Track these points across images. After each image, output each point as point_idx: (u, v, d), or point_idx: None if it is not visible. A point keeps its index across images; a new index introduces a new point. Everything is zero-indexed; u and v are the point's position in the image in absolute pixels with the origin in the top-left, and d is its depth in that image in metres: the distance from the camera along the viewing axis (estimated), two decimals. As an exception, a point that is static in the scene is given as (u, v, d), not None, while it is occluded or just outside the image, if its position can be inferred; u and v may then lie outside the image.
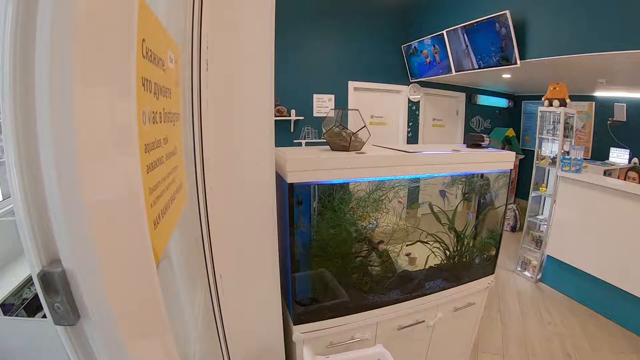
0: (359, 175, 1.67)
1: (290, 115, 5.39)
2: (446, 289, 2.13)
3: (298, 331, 1.72)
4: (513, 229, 6.44)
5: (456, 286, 2.18)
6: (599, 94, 6.53)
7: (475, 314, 2.47)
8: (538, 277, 4.55)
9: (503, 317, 3.73)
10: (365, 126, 1.81)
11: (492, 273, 2.41)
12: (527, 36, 4.20)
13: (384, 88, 6.25)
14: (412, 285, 2.03)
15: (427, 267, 2.14)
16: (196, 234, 1.29)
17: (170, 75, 0.79)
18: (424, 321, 2.10)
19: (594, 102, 6.61)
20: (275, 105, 5.23)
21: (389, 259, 2.04)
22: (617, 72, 4.78)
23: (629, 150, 6.18)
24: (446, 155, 1.95)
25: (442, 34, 5.06)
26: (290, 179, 1.51)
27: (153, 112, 0.65)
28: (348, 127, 1.83)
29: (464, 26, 4.69)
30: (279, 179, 1.58)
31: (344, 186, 1.77)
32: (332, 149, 1.76)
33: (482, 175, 2.23)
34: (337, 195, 1.73)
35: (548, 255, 4.42)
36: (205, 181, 1.26)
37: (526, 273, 4.66)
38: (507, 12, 4.10)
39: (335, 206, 1.72)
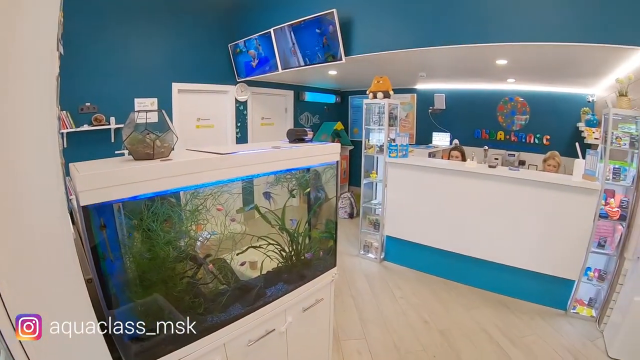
0: (167, 185, 1.49)
1: (109, 124, 4.95)
2: (290, 292, 2.10)
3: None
4: (351, 216, 6.93)
5: (300, 286, 2.16)
6: (420, 86, 7.56)
7: (326, 309, 2.48)
8: (381, 257, 4.94)
9: (357, 302, 3.91)
10: (170, 129, 1.63)
11: (335, 265, 2.44)
12: (353, 33, 4.48)
13: (210, 89, 6.13)
14: (253, 295, 1.93)
15: (264, 273, 2.08)
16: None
17: None
18: (274, 329, 2.03)
19: (415, 94, 7.70)
20: (93, 113, 4.78)
21: (221, 272, 1.92)
22: (436, 66, 5.42)
23: (449, 134, 7.34)
24: (266, 153, 1.89)
25: (270, 32, 5.13)
26: (84, 200, 1.27)
27: None
28: (171, 131, 1.65)
29: (291, 24, 4.81)
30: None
31: (156, 200, 1.56)
32: (135, 158, 1.54)
33: (308, 170, 2.23)
34: (149, 212, 1.55)
35: (387, 236, 4.87)
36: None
37: (370, 255, 5.02)
38: (334, 10, 4.32)
39: (145, 225, 1.54)
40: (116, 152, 4.65)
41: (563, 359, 3.28)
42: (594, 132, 5.19)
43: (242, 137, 6.64)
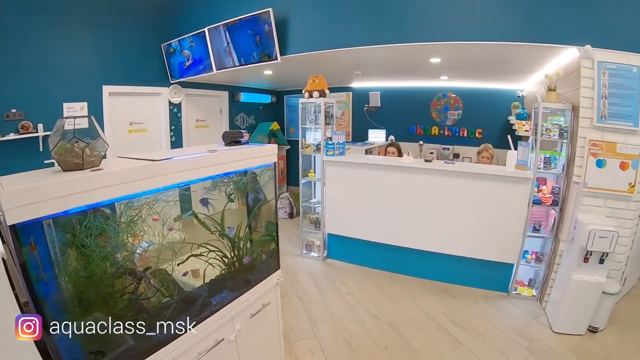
0: (99, 197, 1.41)
1: (37, 131, 4.64)
2: (236, 299, 2.08)
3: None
4: (291, 216, 7.00)
5: (245, 292, 2.15)
6: (355, 84, 7.71)
7: (274, 312, 2.49)
8: (324, 255, 5.02)
9: (304, 301, 3.95)
10: (100, 136, 1.55)
11: (278, 268, 2.46)
12: (289, 32, 4.49)
13: (143, 91, 5.91)
14: (198, 305, 1.90)
15: (208, 281, 2.05)
16: None
17: None
18: (223, 339, 2.01)
19: (351, 92, 7.87)
20: (19, 121, 4.49)
21: (163, 284, 1.85)
22: (371, 64, 5.54)
23: (385, 130, 7.56)
24: (201, 158, 1.87)
25: (204, 31, 5.05)
26: (11, 218, 1.19)
27: None
28: (101, 139, 1.56)
29: (226, 23, 4.76)
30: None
31: (89, 214, 1.45)
32: (64, 169, 1.44)
33: (245, 173, 2.22)
34: (82, 227, 1.46)
35: (328, 233, 4.95)
36: None
37: (313, 254, 5.08)
38: (270, 9, 4.32)
39: (79, 241, 1.45)
40: (45, 161, 4.41)
41: (510, 338, 3.50)
42: (524, 125, 5.60)
43: (176, 141, 6.46)
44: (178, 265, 1.94)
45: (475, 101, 7.13)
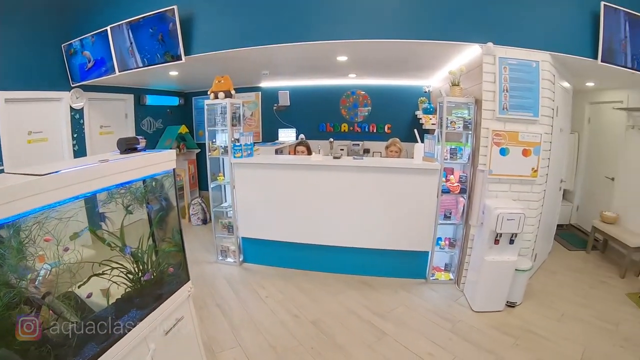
0: None
1: None
2: (146, 317, 1.96)
3: None
4: (204, 222, 6.82)
5: (155, 308, 2.03)
6: (264, 84, 7.69)
7: (190, 326, 2.38)
8: (240, 259, 4.94)
9: (224, 310, 3.85)
10: None
11: (188, 279, 2.35)
12: (194, 31, 4.36)
13: (42, 97, 5.35)
14: (105, 329, 1.77)
15: (114, 302, 1.92)
16: None
17: None
18: (138, 361, 1.89)
19: (260, 92, 7.85)
20: None
21: (68, 309, 1.72)
22: (278, 63, 5.51)
23: (295, 129, 7.63)
24: (92, 169, 1.71)
25: (106, 30, 4.74)
26: None
27: None
28: None
29: (129, 22, 4.51)
30: None
31: None
32: None
33: (144, 181, 2.10)
34: None
35: (242, 237, 4.88)
36: None
37: (229, 259, 4.97)
38: (175, 7, 4.16)
39: None
40: None
41: (433, 322, 3.66)
42: (430, 119, 5.91)
43: (80, 149, 5.97)
44: (79, 287, 1.78)
45: (383, 98, 7.49)
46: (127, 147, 2.09)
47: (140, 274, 2.03)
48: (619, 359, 3.23)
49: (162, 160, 2.13)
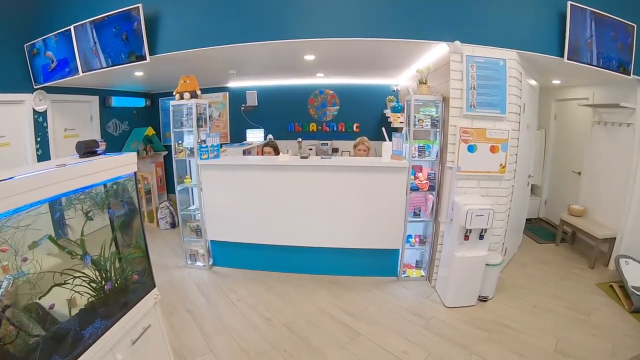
0: None
1: None
2: (111, 327, 1.92)
3: None
4: (173, 226, 6.69)
5: (121, 318, 1.99)
6: (232, 84, 7.64)
7: (158, 334, 2.35)
8: (210, 263, 4.88)
9: (194, 315, 3.79)
10: None
11: (154, 286, 2.31)
12: (159, 30, 4.28)
13: (3, 99, 5.15)
14: (69, 342, 1.71)
15: (78, 312, 1.87)
16: None
17: None
18: (107, 374, 1.83)
19: (228, 92, 7.80)
20: None
21: (30, 322, 1.66)
22: (245, 63, 5.45)
23: (263, 129, 7.62)
24: (48, 175, 1.65)
25: (70, 29, 4.60)
26: None
27: None
28: None
29: (93, 21, 4.40)
30: None
31: None
32: None
33: (105, 186, 2.05)
34: None
35: (211, 240, 4.82)
36: None
37: (198, 263, 4.91)
38: (140, 5, 4.07)
39: None
40: None
41: (406, 319, 3.69)
42: (399, 117, 5.98)
43: (43, 153, 5.75)
44: (39, 298, 1.73)
45: (352, 97, 7.57)
46: (86, 150, 2.03)
47: (103, 282, 1.98)
48: (592, 348, 3.32)
49: (123, 164, 2.09)
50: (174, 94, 4.63)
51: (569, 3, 3.85)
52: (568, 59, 4.01)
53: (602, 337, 3.49)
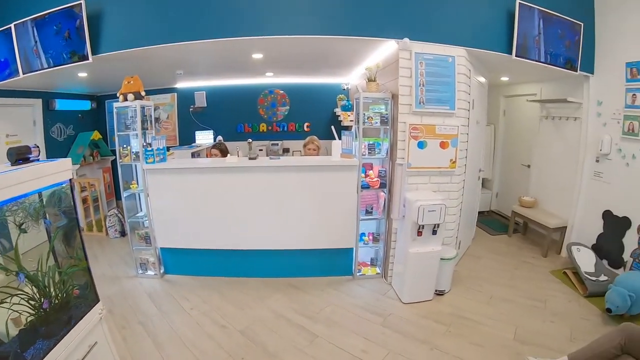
0: None
1: None
2: (54, 347, 1.84)
3: None
4: (123, 234, 6.47)
5: (64, 337, 1.92)
6: (180, 85, 7.50)
7: (105, 351, 2.28)
8: (161, 271, 4.76)
9: (147, 327, 3.68)
10: None
11: (97, 300, 2.24)
12: (103, 28, 4.12)
13: None
14: None
15: (17, 333, 1.75)
16: None
17: None
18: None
19: (176, 93, 7.66)
20: None
21: None
22: (192, 62, 5.38)
23: (212, 131, 7.54)
24: None
25: (10, 27, 4.37)
26: None
27: None
28: None
29: (34, 18, 4.19)
30: None
31: None
32: None
33: (40, 194, 1.95)
34: None
35: (161, 248, 4.70)
36: None
37: (149, 272, 4.77)
38: (82, 1, 3.93)
39: None
40: None
41: (364, 318, 3.73)
42: (349, 116, 6.06)
43: None
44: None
45: (302, 96, 7.64)
46: (17, 157, 1.93)
47: (42, 299, 1.91)
48: (551, 334, 3.46)
49: (57, 171, 2.01)
50: (117, 95, 4.49)
51: (517, 2, 4.02)
52: (516, 56, 4.19)
53: (559, 322, 3.65)
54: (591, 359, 2.53)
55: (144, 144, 4.43)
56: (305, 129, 7.69)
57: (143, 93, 4.44)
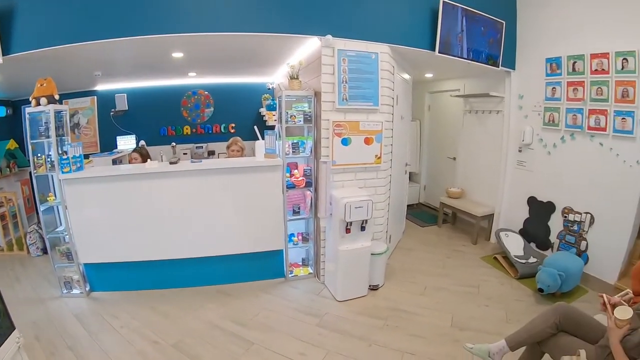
0: None
1: None
2: None
3: None
4: (45, 251, 6.01)
5: None
6: (100, 87, 7.15)
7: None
8: (87, 289, 4.49)
9: (76, 352, 3.44)
10: None
11: (13, 328, 2.09)
12: (14, 27, 3.88)
13: None
14: None
15: None
16: None
17: None
18: None
19: (96, 96, 7.28)
20: None
21: None
22: (110, 62, 5.17)
23: (134, 135, 7.27)
24: None
25: None
26: None
27: None
28: None
29: None
30: None
31: None
32: None
33: None
34: None
35: (85, 264, 4.45)
36: None
37: (75, 291, 4.47)
38: None
39: None
40: None
41: (299, 320, 3.75)
42: (274, 115, 6.08)
43: None
44: None
45: (227, 96, 7.60)
46: None
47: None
48: (487, 317, 3.63)
49: None
50: (30, 99, 4.24)
51: (441, 0, 4.18)
52: (439, 52, 4.37)
53: (494, 306, 3.84)
54: (528, 340, 2.64)
55: (60, 152, 4.19)
56: (231, 130, 7.65)
57: (57, 96, 4.18)
